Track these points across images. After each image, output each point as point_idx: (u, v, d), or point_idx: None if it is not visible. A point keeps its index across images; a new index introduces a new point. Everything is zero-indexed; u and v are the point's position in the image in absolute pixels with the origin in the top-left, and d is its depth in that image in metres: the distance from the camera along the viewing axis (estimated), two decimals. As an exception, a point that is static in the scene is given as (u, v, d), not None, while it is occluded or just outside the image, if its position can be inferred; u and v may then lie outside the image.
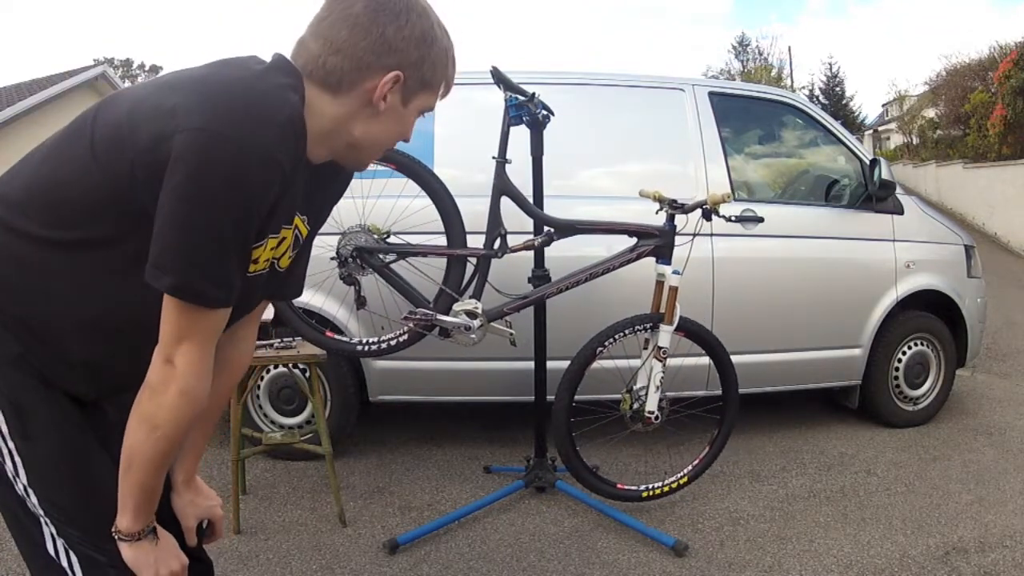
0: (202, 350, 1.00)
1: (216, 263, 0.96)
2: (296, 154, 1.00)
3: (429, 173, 2.62)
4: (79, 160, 1.00)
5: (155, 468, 1.02)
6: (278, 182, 0.97)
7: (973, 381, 4.70)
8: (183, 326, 0.97)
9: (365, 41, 1.01)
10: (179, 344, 0.98)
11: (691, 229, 2.72)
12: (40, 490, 1.06)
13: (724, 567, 2.42)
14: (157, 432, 0.99)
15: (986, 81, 15.85)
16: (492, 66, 2.63)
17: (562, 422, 2.66)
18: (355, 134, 1.07)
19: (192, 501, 1.25)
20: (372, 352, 2.68)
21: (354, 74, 1.02)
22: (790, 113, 3.88)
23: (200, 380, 1.00)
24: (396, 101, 1.06)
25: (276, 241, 1.08)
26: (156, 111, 0.95)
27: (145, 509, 1.05)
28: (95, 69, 15.86)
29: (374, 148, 1.12)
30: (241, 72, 1.00)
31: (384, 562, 2.45)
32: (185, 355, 0.98)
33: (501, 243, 2.59)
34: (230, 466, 2.75)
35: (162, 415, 0.99)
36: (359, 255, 2.58)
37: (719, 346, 2.81)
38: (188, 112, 0.92)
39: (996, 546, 2.54)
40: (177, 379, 0.98)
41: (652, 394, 2.65)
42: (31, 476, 1.05)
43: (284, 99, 0.98)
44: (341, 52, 1.01)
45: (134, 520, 1.04)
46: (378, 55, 1.02)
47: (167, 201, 0.92)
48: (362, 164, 1.15)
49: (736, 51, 32.07)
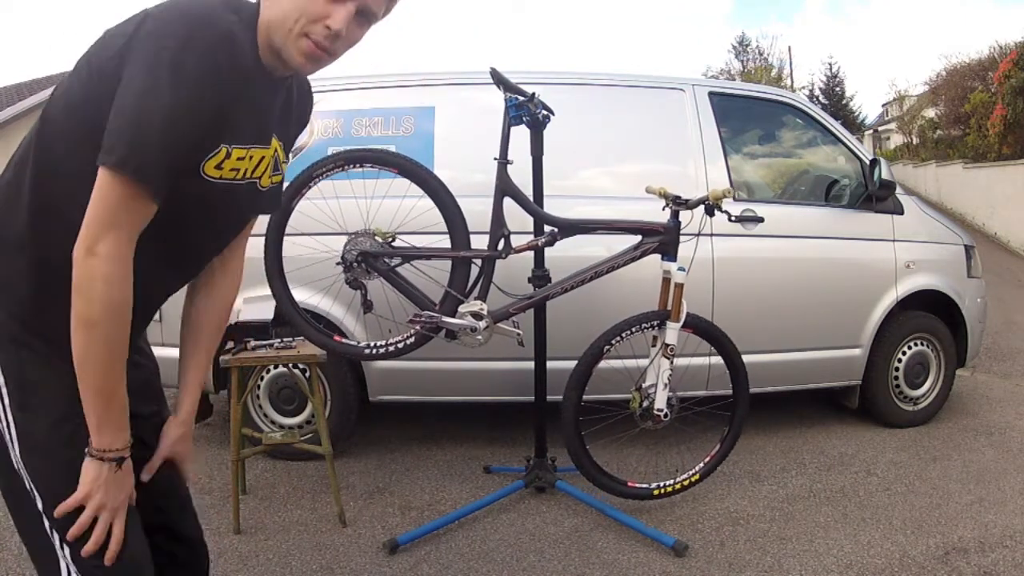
0: (127, 242, 1.03)
1: (159, 147, 1.01)
2: (236, 65, 1.06)
3: (431, 176, 2.62)
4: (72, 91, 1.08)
5: (105, 368, 1.05)
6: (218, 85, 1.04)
7: (973, 381, 4.71)
8: (114, 213, 1.01)
9: None
10: (106, 232, 1.01)
11: (695, 228, 2.72)
12: (32, 465, 1.09)
13: (724, 567, 2.42)
14: (96, 329, 1.02)
15: (986, 81, 15.87)
16: (491, 67, 2.63)
17: (571, 421, 2.66)
18: (265, 26, 1.09)
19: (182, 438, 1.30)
20: (380, 355, 2.68)
21: None
22: (790, 113, 3.87)
23: (125, 269, 1.03)
24: None
25: (245, 153, 1.13)
26: (124, 25, 1.06)
27: (109, 423, 1.07)
28: (95, 69, 15.83)
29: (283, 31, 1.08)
30: None
31: (384, 562, 2.45)
32: (109, 243, 1.01)
33: (505, 244, 2.59)
34: (230, 466, 2.75)
35: (96, 311, 1.01)
36: (364, 260, 2.59)
37: (728, 342, 2.79)
38: (144, 21, 1.03)
39: (996, 546, 2.54)
40: (101, 266, 1.01)
41: (661, 392, 2.65)
42: (24, 449, 1.08)
43: (220, 15, 1.05)
44: None
45: (99, 434, 1.07)
46: None
47: (122, 97, 1.01)
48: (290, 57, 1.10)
49: (736, 51, 32.08)
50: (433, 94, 3.27)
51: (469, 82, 3.32)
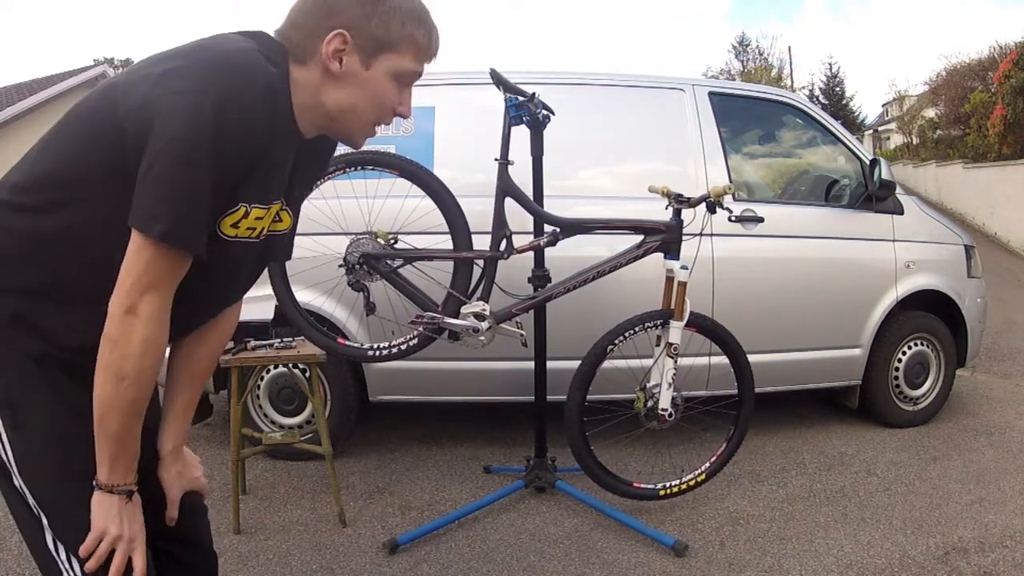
0: (165, 299, 1.03)
1: (200, 213, 1.01)
2: (275, 123, 1.04)
3: (431, 176, 2.62)
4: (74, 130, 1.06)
5: (126, 418, 1.05)
6: (256, 144, 1.02)
7: (973, 381, 4.71)
8: (154, 275, 1.01)
9: (312, 6, 1.07)
10: (145, 293, 1.01)
11: (697, 227, 2.72)
12: (31, 483, 1.08)
13: (724, 567, 2.42)
14: (124, 383, 1.02)
15: (986, 81, 15.87)
16: (491, 68, 2.63)
17: (575, 420, 2.66)
18: (327, 104, 1.10)
19: (180, 473, 1.26)
20: (383, 357, 2.68)
21: (308, 42, 1.07)
22: (790, 113, 3.87)
23: (163, 328, 1.04)
24: (355, 65, 1.08)
25: (264, 212, 1.11)
26: (146, 78, 1.01)
27: (121, 462, 1.07)
28: (95, 69, 15.88)
29: (353, 118, 1.12)
30: (225, 43, 1.05)
31: (384, 562, 2.45)
32: (150, 303, 1.01)
33: (507, 244, 2.59)
34: (230, 466, 2.75)
35: (128, 365, 1.01)
36: (366, 262, 2.59)
37: (733, 341, 2.78)
38: (178, 76, 0.99)
39: (996, 546, 2.54)
40: (140, 328, 1.01)
41: (665, 391, 2.65)
42: (21, 468, 1.07)
43: (262, 67, 1.03)
44: (296, 23, 1.08)
45: (110, 472, 1.07)
46: (322, 17, 1.06)
47: (156, 157, 0.97)
48: (351, 138, 1.15)
49: (736, 51, 32.07)
50: (433, 94, 3.27)
51: (469, 82, 3.32)
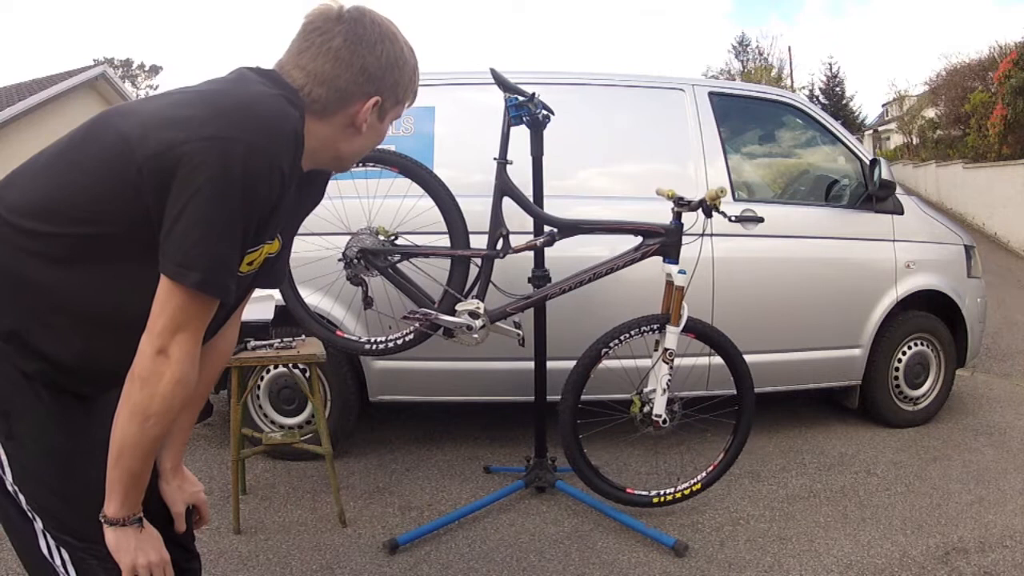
0: (196, 340, 1.06)
1: (232, 260, 1.05)
2: (295, 164, 1.10)
3: (430, 175, 2.62)
4: (84, 164, 1.05)
5: (145, 455, 1.06)
6: (281, 191, 1.07)
7: (973, 381, 4.71)
8: (186, 317, 1.03)
9: (348, 74, 1.12)
10: (176, 335, 1.03)
11: (698, 231, 2.71)
12: (26, 490, 1.08)
13: (724, 567, 2.42)
14: (150, 421, 1.03)
15: (986, 81, 15.85)
16: (491, 68, 2.64)
17: (568, 424, 2.65)
18: (341, 150, 1.21)
19: (180, 487, 1.31)
20: (380, 351, 2.71)
21: (338, 103, 1.14)
22: (790, 113, 3.87)
23: (193, 368, 1.06)
24: (374, 119, 1.19)
25: (271, 247, 1.18)
26: (170, 121, 1.02)
27: (132, 496, 1.08)
28: (95, 69, 15.84)
29: (355, 157, 1.26)
30: (249, 87, 1.09)
31: (384, 562, 2.45)
32: (181, 345, 1.03)
33: (504, 243, 2.59)
34: (230, 466, 2.75)
35: (156, 405, 1.02)
36: (364, 257, 2.61)
37: (731, 347, 2.74)
38: (203, 122, 1.00)
39: (996, 546, 2.54)
40: (172, 369, 1.02)
41: (660, 397, 2.62)
42: (16, 475, 1.08)
43: (289, 113, 1.08)
44: (325, 84, 1.12)
45: (121, 506, 1.08)
46: (360, 84, 1.14)
47: (188, 204, 0.99)
48: (345, 169, 1.29)
49: (736, 51, 32.12)
50: (433, 94, 3.27)
51: (469, 82, 3.32)
